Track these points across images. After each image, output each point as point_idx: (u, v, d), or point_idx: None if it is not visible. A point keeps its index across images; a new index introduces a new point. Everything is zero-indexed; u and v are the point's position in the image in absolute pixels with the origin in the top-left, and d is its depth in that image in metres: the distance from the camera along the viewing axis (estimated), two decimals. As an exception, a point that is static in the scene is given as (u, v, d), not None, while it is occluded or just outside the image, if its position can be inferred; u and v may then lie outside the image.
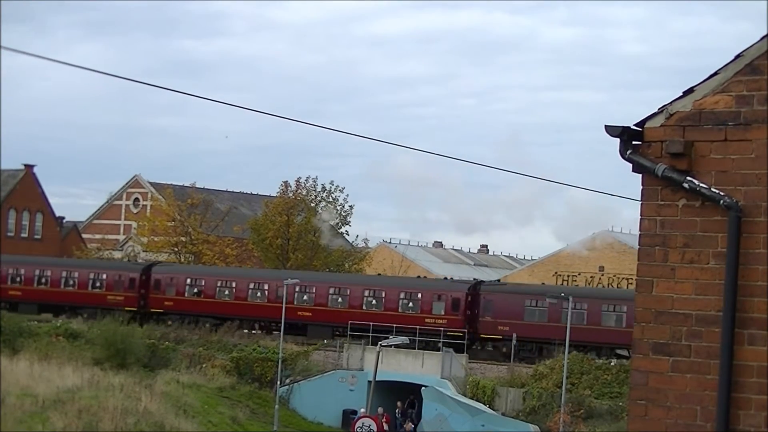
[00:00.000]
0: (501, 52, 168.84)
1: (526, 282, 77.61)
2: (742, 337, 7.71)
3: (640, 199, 8.26)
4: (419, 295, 62.82)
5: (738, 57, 7.95)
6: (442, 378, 55.87)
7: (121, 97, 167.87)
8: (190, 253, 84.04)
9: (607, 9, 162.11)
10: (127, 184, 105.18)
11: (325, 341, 62.89)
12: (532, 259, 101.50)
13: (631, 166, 8.24)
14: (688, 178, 7.95)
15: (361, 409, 48.04)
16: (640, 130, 8.25)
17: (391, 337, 51.39)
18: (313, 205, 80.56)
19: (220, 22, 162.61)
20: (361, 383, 55.51)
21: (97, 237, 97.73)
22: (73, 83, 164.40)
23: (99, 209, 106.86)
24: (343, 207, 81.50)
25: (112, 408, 43.08)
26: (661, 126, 8.18)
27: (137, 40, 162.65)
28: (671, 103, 8.19)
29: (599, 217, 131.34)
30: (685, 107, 8.11)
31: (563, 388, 49.06)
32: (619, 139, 8.22)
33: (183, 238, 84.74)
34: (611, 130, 8.21)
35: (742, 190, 7.80)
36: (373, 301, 63.85)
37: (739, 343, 7.71)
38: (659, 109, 8.23)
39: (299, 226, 78.82)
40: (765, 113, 7.77)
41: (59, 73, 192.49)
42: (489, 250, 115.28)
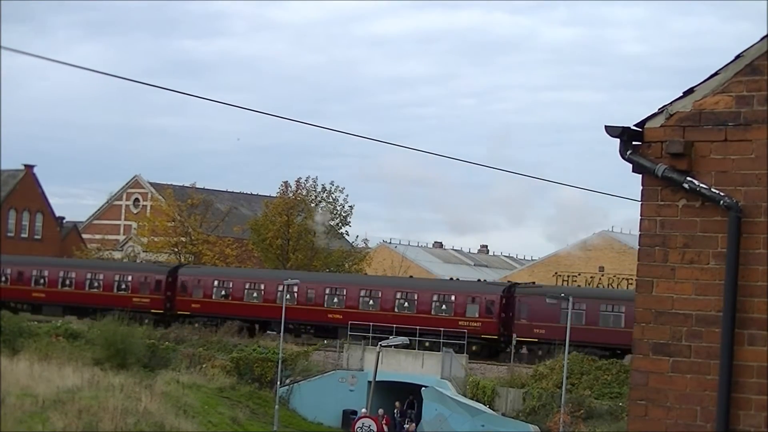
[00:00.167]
0: (501, 52, 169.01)
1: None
2: (742, 337, 7.71)
3: (640, 199, 8.26)
4: (452, 298, 61.83)
5: (738, 57, 7.95)
6: (442, 378, 55.85)
7: (121, 97, 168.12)
8: (190, 254, 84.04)
9: (607, 9, 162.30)
10: (127, 184, 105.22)
11: (324, 342, 62.82)
12: (532, 260, 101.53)
13: (631, 166, 8.24)
14: (688, 179, 7.95)
15: (362, 410, 48.01)
16: (640, 130, 8.25)
17: (391, 337, 51.40)
18: (313, 205, 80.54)
19: (220, 22, 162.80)
20: (361, 383, 55.50)
21: (97, 237, 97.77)
22: (73, 83, 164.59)
23: (99, 209, 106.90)
24: (343, 207, 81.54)
25: (112, 408, 43.07)
26: (661, 126, 8.18)
27: (137, 40, 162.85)
28: (671, 103, 8.19)
29: (590, 217, 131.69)
30: (685, 107, 8.11)
31: (563, 389, 49.05)
32: (619, 140, 8.22)
33: (183, 239, 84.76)
34: (611, 131, 8.21)
35: (742, 190, 7.80)
36: (405, 304, 63.03)
37: (739, 344, 7.71)
38: (659, 109, 8.23)
39: (299, 226, 78.78)
40: (765, 113, 7.77)
41: (59, 73, 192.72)
42: (489, 251, 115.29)
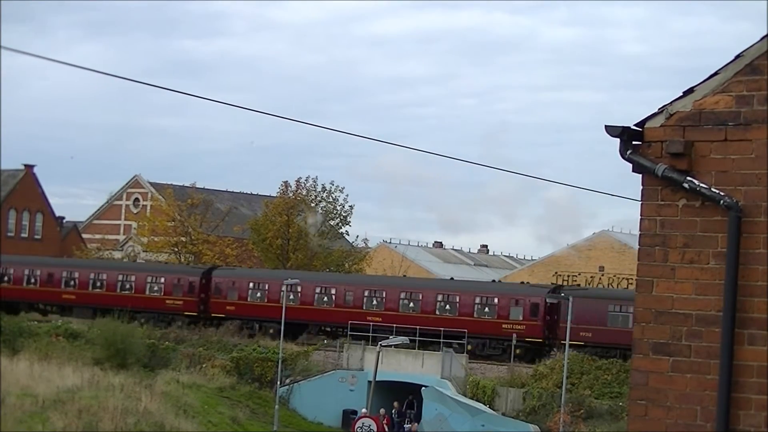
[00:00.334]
0: (501, 52, 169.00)
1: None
2: (742, 337, 7.71)
3: (639, 199, 8.26)
4: (495, 300, 60.73)
5: (738, 57, 7.95)
6: (442, 378, 55.83)
7: (121, 97, 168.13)
8: (190, 254, 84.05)
9: (607, 9, 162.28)
10: (127, 184, 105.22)
11: (324, 341, 62.77)
12: (532, 259, 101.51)
13: (631, 166, 8.24)
14: (688, 178, 7.95)
15: (363, 410, 48.01)
16: (640, 130, 8.25)
17: (391, 337, 51.40)
18: (313, 205, 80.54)
19: (220, 22, 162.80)
20: (362, 383, 55.49)
21: (97, 237, 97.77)
22: (73, 83, 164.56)
23: (99, 209, 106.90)
24: (343, 207, 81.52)
25: (112, 408, 43.07)
26: (661, 126, 8.18)
27: (137, 40, 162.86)
28: (671, 103, 8.19)
29: (579, 217, 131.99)
30: (685, 107, 8.11)
31: (563, 388, 49.04)
32: (619, 139, 8.22)
33: (183, 238, 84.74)
34: (611, 130, 8.21)
35: (742, 190, 7.80)
36: (447, 306, 61.92)
37: (739, 343, 7.71)
38: (659, 109, 8.23)
39: (299, 226, 78.77)
40: (765, 113, 7.77)
41: (59, 73, 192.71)
42: (489, 250, 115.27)
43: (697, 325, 7.91)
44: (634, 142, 8.23)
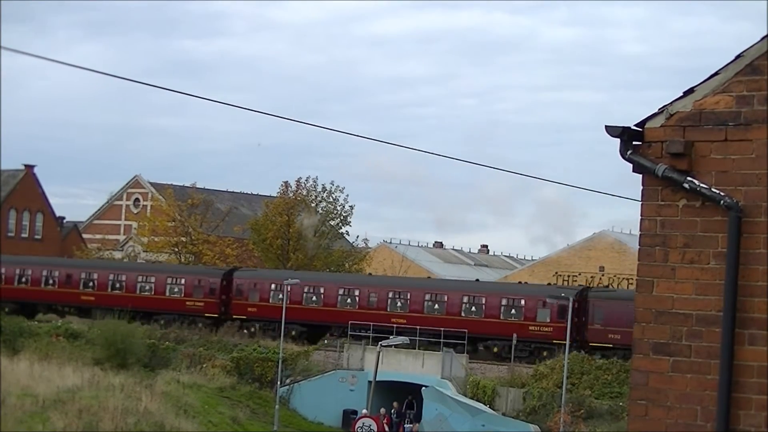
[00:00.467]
0: (501, 52, 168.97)
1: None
2: (742, 337, 7.71)
3: (639, 199, 8.26)
4: (522, 302, 60.01)
5: (738, 57, 7.95)
6: (442, 378, 55.82)
7: (121, 97, 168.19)
8: (190, 254, 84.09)
9: (607, 9, 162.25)
10: (127, 184, 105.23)
11: (326, 341, 62.70)
12: (532, 259, 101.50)
13: (631, 166, 8.24)
14: (689, 179, 7.95)
15: (363, 410, 48.02)
16: (641, 130, 8.25)
17: (391, 337, 51.38)
18: (313, 205, 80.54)
19: (220, 22, 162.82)
20: (362, 383, 55.49)
21: (98, 237, 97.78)
22: (73, 83, 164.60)
23: (99, 209, 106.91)
24: (343, 207, 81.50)
25: (113, 408, 43.08)
26: (661, 126, 8.18)
27: (137, 40, 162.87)
28: (671, 103, 8.19)
29: (570, 218, 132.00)
30: (686, 107, 8.11)
31: (563, 388, 49.04)
32: (619, 140, 8.22)
33: (183, 239, 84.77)
34: (611, 131, 8.21)
35: (743, 190, 7.80)
36: (473, 308, 61.26)
37: (739, 343, 7.71)
38: (659, 109, 8.23)
39: (299, 226, 78.77)
40: (765, 113, 7.77)
41: (59, 73, 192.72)
42: (489, 250, 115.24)
43: (697, 325, 7.92)
44: (634, 143, 8.23)
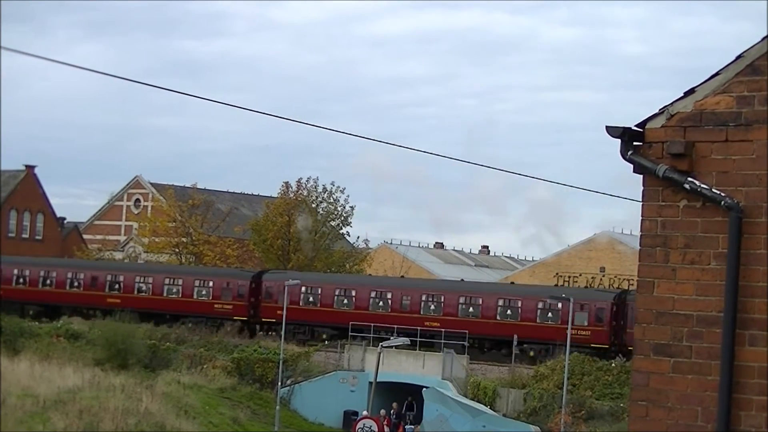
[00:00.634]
0: (501, 53, 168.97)
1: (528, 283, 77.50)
2: (743, 337, 7.71)
3: (640, 199, 8.26)
4: (559, 305, 58.80)
5: (739, 57, 7.94)
6: (443, 379, 55.81)
7: (121, 97, 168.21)
8: (191, 254, 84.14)
9: (607, 9, 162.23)
10: (128, 184, 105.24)
11: (325, 342, 62.69)
12: (533, 260, 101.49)
13: (632, 167, 8.24)
14: (689, 179, 7.95)
15: (364, 411, 48.03)
16: (641, 130, 8.24)
17: (392, 337, 51.38)
18: (314, 206, 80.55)
19: (220, 22, 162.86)
20: (362, 384, 55.50)
21: (98, 238, 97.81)
22: (74, 83, 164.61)
23: (100, 210, 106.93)
24: (344, 208, 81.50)
25: (113, 408, 43.09)
26: (662, 127, 8.18)
27: (137, 40, 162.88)
28: (672, 103, 8.19)
29: (561, 218, 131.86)
30: (686, 108, 8.10)
31: (564, 389, 49.03)
32: (620, 140, 8.22)
33: (184, 239, 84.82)
34: (612, 131, 8.21)
35: (743, 190, 7.80)
36: (508, 311, 60.44)
37: (740, 344, 7.70)
38: (660, 109, 8.23)
39: (309, 223, 78.74)
40: (766, 114, 7.77)
41: (59, 74, 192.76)
42: (490, 251, 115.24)
43: (698, 326, 7.91)
44: (634, 143, 8.23)
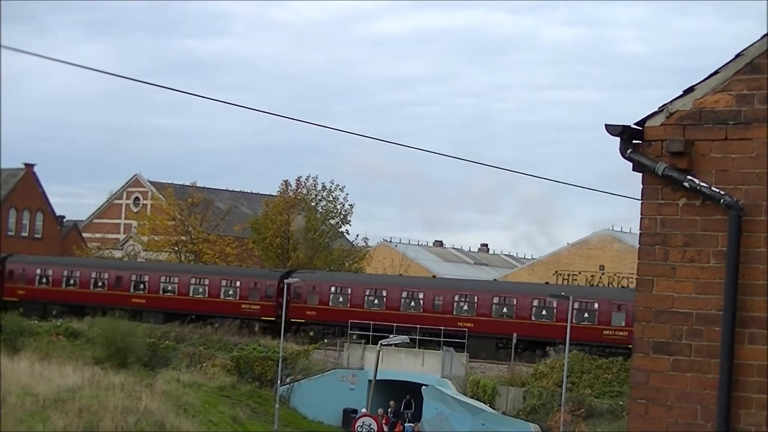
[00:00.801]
0: (501, 52, 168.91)
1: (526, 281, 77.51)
2: (742, 336, 7.71)
3: (640, 198, 8.26)
4: (595, 306, 58.51)
5: (738, 56, 7.94)
6: (442, 377, 55.82)
7: (121, 96, 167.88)
8: (190, 252, 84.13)
9: (607, 9, 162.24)
10: (127, 183, 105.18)
11: (325, 340, 62.67)
12: (532, 258, 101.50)
13: (631, 165, 8.24)
14: (689, 177, 7.95)
15: (363, 409, 48.04)
16: (641, 129, 8.25)
17: (392, 336, 51.39)
18: (313, 204, 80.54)
19: (221, 21, 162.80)
20: (362, 382, 55.50)
21: (98, 236, 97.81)
22: (74, 83, 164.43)
23: (99, 208, 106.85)
24: (343, 206, 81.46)
25: (113, 407, 43.08)
26: (661, 125, 8.18)
27: (138, 39, 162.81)
28: (671, 102, 8.18)
29: (552, 216, 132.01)
30: (686, 106, 8.10)
31: (563, 387, 49.02)
32: (619, 138, 8.22)
33: (183, 238, 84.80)
34: (611, 129, 8.21)
35: (743, 189, 7.80)
36: (544, 312, 59.77)
37: (739, 342, 7.71)
38: (659, 108, 8.23)
39: (304, 223, 78.73)
40: (765, 112, 7.77)
41: (59, 73, 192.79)
42: (489, 249, 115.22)
43: (697, 324, 7.91)
44: (634, 141, 8.24)
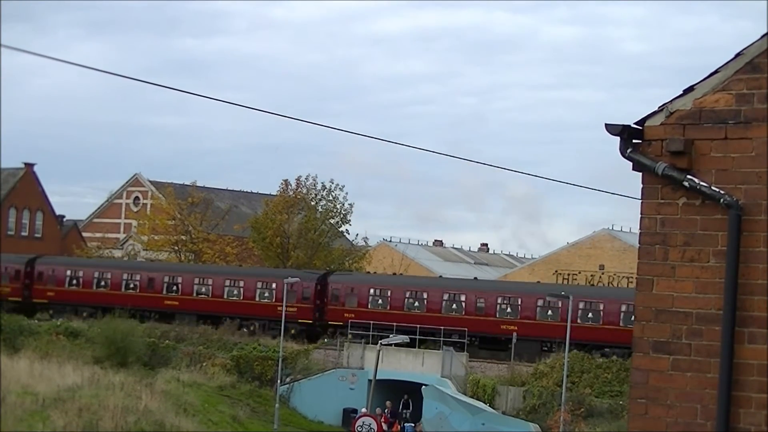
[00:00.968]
0: (501, 51, 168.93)
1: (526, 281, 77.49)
2: (742, 335, 7.71)
3: (640, 197, 8.26)
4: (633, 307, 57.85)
5: (738, 55, 7.94)
6: (442, 377, 55.80)
7: (121, 95, 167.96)
8: (190, 252, 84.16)
9: (607, 8, 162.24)
10: (127, 182, 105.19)
11: (325, 340, 62.65)
12: (532, 258, 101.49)
13: (631, 164, 8.23)
14: (689, 177, 7.95)
15: (362, 408, 48.03)
16: (641, 128, 8.24)
17: (392, 335, 51.37)
18: (313, 203, 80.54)
19: (221, 20, 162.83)
20: (362, 382, 55.48)
21: (98, 236, 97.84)
22: (74, 82, 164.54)
23: (99, 208, 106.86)
24: (342, 205, 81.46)
25: (113, 406, 43.07)
26: (661, 124, 8.18)
27: (138, 39, 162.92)
28: (671, 101, 8.18)
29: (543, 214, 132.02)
30: (686, 106, 8.10)
31: (563, 387, 49.00)
32: (619, 138, 8.21)
33: (183, 237, 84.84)
34: (612, 129, 8.21)
35: (743, 188, 7.80)
36: (590, 314, 59.14)
37: (739, 342, 7.70)
38: (659, 107, 8.22)
39: (299, 224, 78.78)
40: (765, 111, 7.76)
41: (59, 72, 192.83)
42: (489, 249, 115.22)
43: (697, 324, 7.91)
44: (634, 141, 8.23)
